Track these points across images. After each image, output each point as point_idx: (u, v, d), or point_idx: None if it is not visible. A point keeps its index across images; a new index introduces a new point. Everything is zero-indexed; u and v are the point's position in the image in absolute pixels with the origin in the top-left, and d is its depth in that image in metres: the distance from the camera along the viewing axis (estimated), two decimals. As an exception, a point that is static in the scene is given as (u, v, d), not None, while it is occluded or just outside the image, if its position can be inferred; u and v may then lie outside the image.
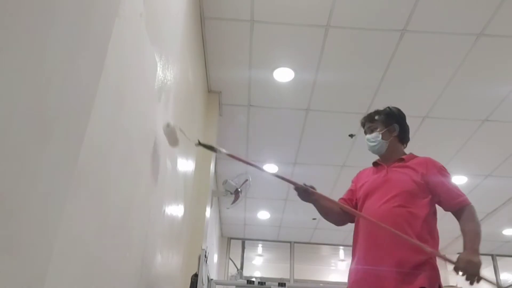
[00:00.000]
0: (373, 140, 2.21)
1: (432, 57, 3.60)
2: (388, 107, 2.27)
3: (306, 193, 2.09)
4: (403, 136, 2.24)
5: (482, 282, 1.86)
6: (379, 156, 2.26)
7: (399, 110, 2.27)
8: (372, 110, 2.35)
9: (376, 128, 2.22)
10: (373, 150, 2.24)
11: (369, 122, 2.26)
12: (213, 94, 4.19)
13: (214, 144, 2.44)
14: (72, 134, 1.13)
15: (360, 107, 4.17)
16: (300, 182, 2.10)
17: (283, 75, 3.90)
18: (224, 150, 2.23)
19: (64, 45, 1.07)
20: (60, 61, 1.06)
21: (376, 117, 2.24)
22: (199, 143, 2.21)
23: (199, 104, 3.64)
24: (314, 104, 4.24)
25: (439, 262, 1.96)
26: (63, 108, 1.08)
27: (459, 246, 6.64)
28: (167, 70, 2.25)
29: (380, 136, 2.20)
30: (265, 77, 3.93)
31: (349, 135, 4.64)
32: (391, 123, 2.21)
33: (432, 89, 3.94)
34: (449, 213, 2.08)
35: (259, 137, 4.83)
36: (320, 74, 3.86)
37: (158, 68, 2.03)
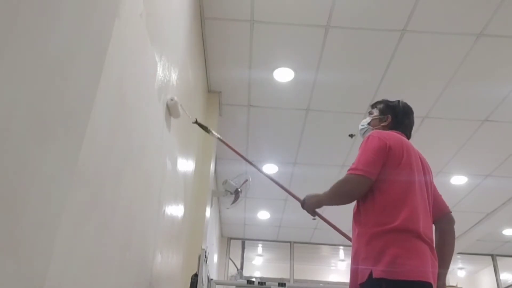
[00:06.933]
0: (362, 124, 2.19)
1: (432, 57, 3.60)
2: (398, 100, 2.18)
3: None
4: (395, 129, 2.07)
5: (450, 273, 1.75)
6: None
7: (404, 105, 2.16)
8: (372, 110, 2.30)
9: (372, 114, 2.19)
10: (360, 134, 2.20)
11: (371, 107, 2.24)
12: (213, 94, 4.19)
13: (209, 128, 2.75)
14: (72, 134, 1.13)
15: (360, 107, 4.17)
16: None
17: (283, 75, 3.90)
18: (216, 134, 2.68)
19: (64, 45, 1.07)
20: (60, 61, 1.06)
21: (378, 105, 2.19)
22: (196, 122, 2.66)
23: (199, 104, 3.64)
24: (314, 104, 4.23)
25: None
26: (63, 108, 1.08)
27: (458, 246, 6.63)
28: (167, 70, 2.25)
29: (369, 120, 2.16)
30: (265, 77, 3.93)
31: (349, 135, 4.64)
32: (386, 113, 2.12)
33: (432, 89, 3.94)
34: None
35: (259, 137, 4.83)
36: (320, 74, 3.86)
37: (158, 68, 2.04)
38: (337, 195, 1.94)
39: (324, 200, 2.01)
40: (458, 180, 5.33)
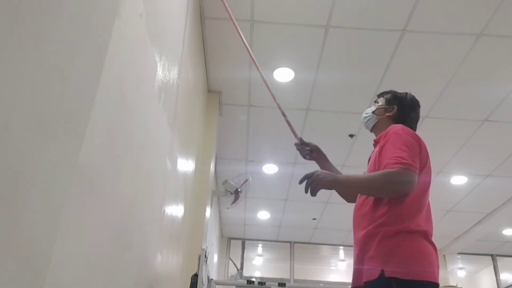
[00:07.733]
0: (367, 112, 2.13)
1: (432, 57, 3.60)
2: (406, 92, 2.12)
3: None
4: (400, 121, 2.01)
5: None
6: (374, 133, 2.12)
7: (412, 97, 2.10)
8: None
9: (378, 103, 2.13)
10: (363, 123, 2.15)
11: (377, 96, 2.19)
12: (213, 94, 4.19)
13: None
14: (72, 134, 1.13)
15: (360, 107, 4.15)
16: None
17: (283, 75, 3.90)
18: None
19: (64, 45, 1.07)
20: (60, 61, 1.06)
21: (385, 95, 2.14)
22: None
23: (199, 104, 3.64)
24: (314, 104, 4.23)
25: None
26: (63, 108, 1.08)
27: (458, 246, 6.63)
28: (167, 70, 2.25)
29: (374, 109, 2.11)
30: (265, 77, 3.92)
31: (349, 135, 4.64)
32: (392, 103, 2.07)
33: (432, 89, 3.94)
34: (448, 214, 2.04)
35: (259, 137, 4.83)
36: (320, 74, 3.86)
37: (158, 68, 2.03)
38: (382, 186, 1.71)
39: (350, 186, 1.87)
40: (458, 180, 5.32)
